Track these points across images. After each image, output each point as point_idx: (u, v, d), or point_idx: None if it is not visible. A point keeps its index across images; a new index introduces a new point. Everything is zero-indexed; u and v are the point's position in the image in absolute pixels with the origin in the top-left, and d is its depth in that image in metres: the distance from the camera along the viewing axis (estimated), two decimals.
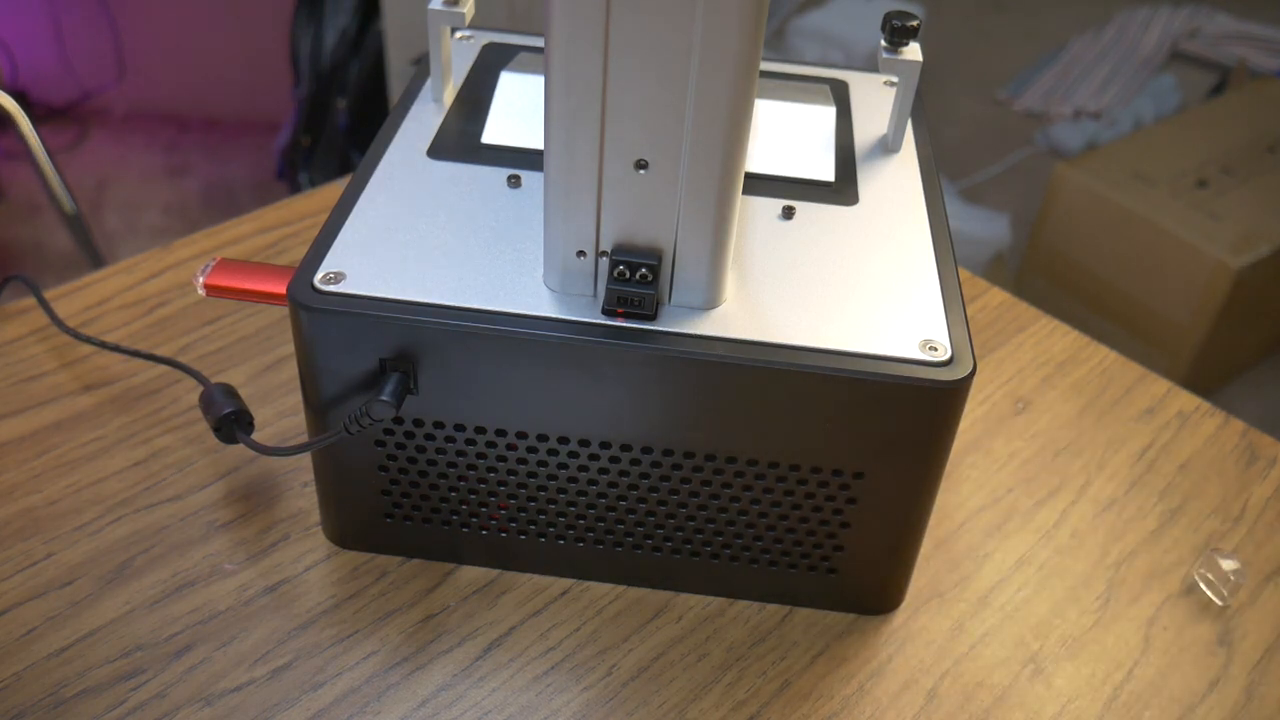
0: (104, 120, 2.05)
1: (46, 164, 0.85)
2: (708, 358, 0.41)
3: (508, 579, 0.49)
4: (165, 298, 0.62)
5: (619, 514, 0.46)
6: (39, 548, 0.49)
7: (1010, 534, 0.53)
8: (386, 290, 0.42)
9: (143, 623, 0.46)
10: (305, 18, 1.60)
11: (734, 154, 0.39)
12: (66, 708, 0.43)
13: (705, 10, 0.35)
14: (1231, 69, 2.20)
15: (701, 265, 0.41)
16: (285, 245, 0.67)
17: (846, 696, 0.46)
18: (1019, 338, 0.65)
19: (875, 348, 0.41)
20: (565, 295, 0.42)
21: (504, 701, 0.44)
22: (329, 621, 0.46)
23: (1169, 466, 0.57)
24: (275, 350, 0.59)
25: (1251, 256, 1.45)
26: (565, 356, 0.41)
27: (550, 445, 0.44)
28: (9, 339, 0.59)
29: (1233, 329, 1.53)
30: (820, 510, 0.45)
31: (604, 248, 0.41)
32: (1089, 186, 1.58)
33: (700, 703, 0.45)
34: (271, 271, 0.47)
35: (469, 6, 0.52)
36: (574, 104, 0.38)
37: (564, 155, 0.39)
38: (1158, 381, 0.63)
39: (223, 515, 0.51)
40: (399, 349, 0.42)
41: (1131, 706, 0.46)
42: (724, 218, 0.40)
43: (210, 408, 0.49)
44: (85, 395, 0.56)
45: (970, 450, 0.57)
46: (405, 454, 0.45)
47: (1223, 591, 0.50)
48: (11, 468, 0.52)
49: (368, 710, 0.43)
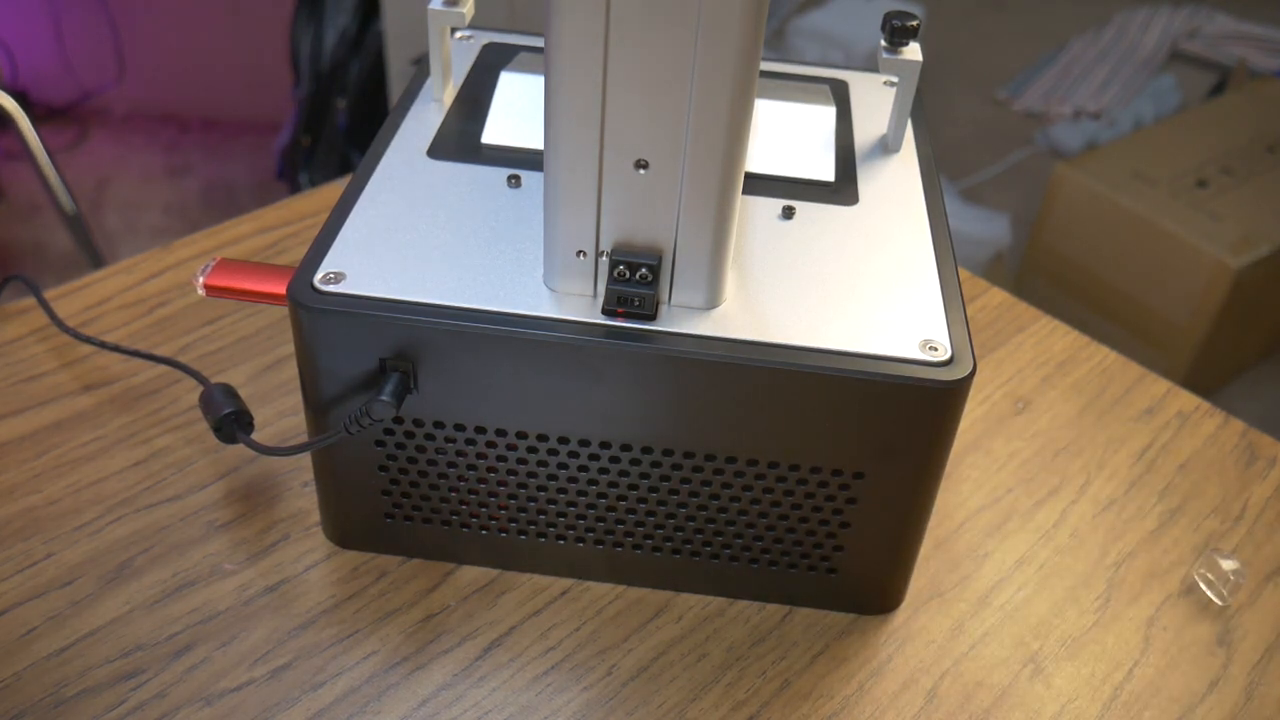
0: (104, 120, 2.05)
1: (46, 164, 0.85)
2: (708, 358, 0.41)
3: (508, 579, 0.49)
4: (165, 298, 0.62)
5: (619, 514, 0.46)
6: (39, 548, 0.49)
7: (1010, 534, 0.53)
8: (386, 290, 0.42)
9: (143, 623, 0.46)
10: (305, 18, 1.60)
11: (734, 154, 0.39)
12: (66, 708, 0.43)
13: (705, 10, 0.35)
14: (1231, 69, 2.20)
15: (701, 265, 0.41)
16: (285, 245, 0.67)
17: (846, 696, 0.46)
18: (1019, 338, 0.65)
19: (875, 348, 0.41)
20: (565, 295, 0.42)
21: (504, 701, 0.44)
22: (329, 621, 0.46)
23: (1169, 466, 0.57)
24: (275, 350, 0.59)
25: (1251, 256, 1.45)
26: (565, 356, 0.41)
27: (550, 445, 0.44)
28: (9, 339, 0.59)
29: (1232, 329, 1.53)
30: (820, 510, 0.45)
31: (604, 248, 0.41)
32: (1089, 186, 1.58)
33: (700, 703, 0.45)
34: (271, 271, 0.47)
35: (469, 6, 0.52)
36: (574, 104, 0.38)
37: (564, 155, 0.39)
38: (1158, 381, 0.63)
39: (223, 515, 0.51)
40: (399, 349, 0.42)
41: (1131, 706, 0.46)
42: (724, 218, 0.40)
43: (210, 408, 0.49)
44: (85, 395, 0.56)
45: (970, 450, 0.57)
46: (405, 454, 0.45)
47: (1222, 591, 0.50)
48: (11, 468, 0.52)
49: (368, 710, 0.43)
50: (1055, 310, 0.70)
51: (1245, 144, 1.68)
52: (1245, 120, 1.75)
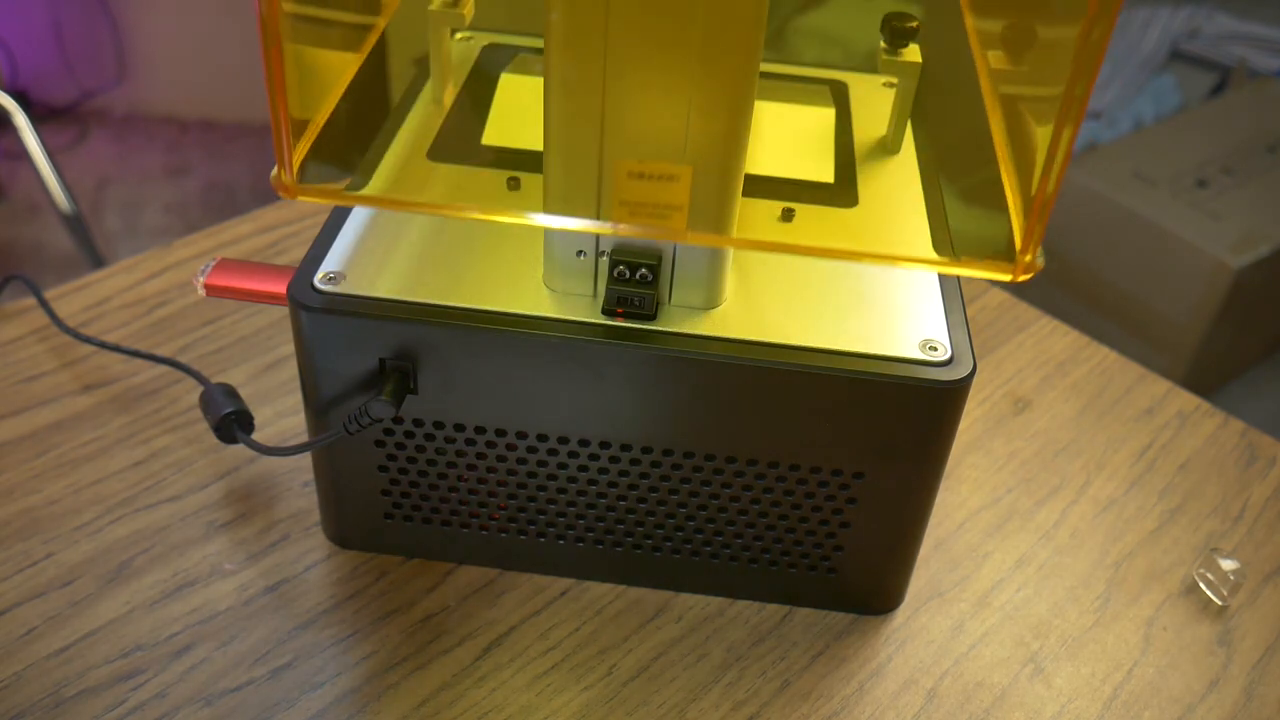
0: (104, 120, 2.05)
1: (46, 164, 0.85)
2: (708, 358, 0.41)
3: (508, 579, 0.49)
4: (165, 298, 0.62)
5: (619, 514, 0.46)
6: (39, 548, 0.49)
7: (1010, 534, 0.53)
8: (386, 290, 0.42)
9: (143, 623, 0.46)
10: None
11: (734, 154, 0.39)
12: (66, 708, 0.43)
13: (705, 11, 0.35)
14: (1231, 69, 2.20)
15: (701, 265, 0.41)
16: (285, 245, 0.67)
17: (846, 696, 0.46)
18: (1019, 338, 0.65)
19: (875, 348, 0.41)
20: (565, 295, 0.42)
21: (504, 701, 0.44)
22: (329, 621, 0.47)
23: (1169, 466, 0.57)
24: (275, 350, 0.59)
25: (1251, 256, 1.45)
26: (565, 356, 0.41)
27: (550, 445, 0.44)
28: (9, 339, 0.59)
29: (1232, 329, 1.53)
30: (820, 510, 0.45)
31: (604, 248, 0.41)
32: (1089, 186, 1.58)
33: (700, 703, 0.45)
34: (271, 271, 0.47)
35: (469, 6, 0.52)
36: (574, 104, 0.38)
37: (564, 155, 0.39)
38: (1157, 381, 0.63)
39: (223, 515, 0.51)
40: (399, 349, 0.42)
41: (1131, 706, 0.46)
42: (724, 218, 0.40)
43: (210, 408, 0.49)
44: (85, 395, 0.56)
45: (970, 450, 0.57)
46: (405, 454, 0.45)
47: (1222, 591, 0.50)
48: (11, 468, 0.52)
49: (368, 710, 0.43)
50: (1055, 310, 0.70)
51: (1245, 144, 1.68)
52: (1245, 120, 1.75)
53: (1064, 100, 0.36)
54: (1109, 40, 0.35)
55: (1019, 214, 0.39)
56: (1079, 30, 0.35)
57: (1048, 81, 0.38)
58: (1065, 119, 0.36)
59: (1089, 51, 0.35)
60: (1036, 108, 0.40)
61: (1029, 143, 0.39)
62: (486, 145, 0.51)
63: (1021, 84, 0.44)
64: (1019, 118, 0.43)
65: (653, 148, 0.39)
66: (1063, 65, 0.36)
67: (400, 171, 0.49)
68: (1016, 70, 0.45)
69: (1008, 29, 0.47)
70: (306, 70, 0.40)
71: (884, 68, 0.51)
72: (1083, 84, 0.35)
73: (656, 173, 0.36)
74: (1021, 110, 0.43)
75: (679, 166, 0.36)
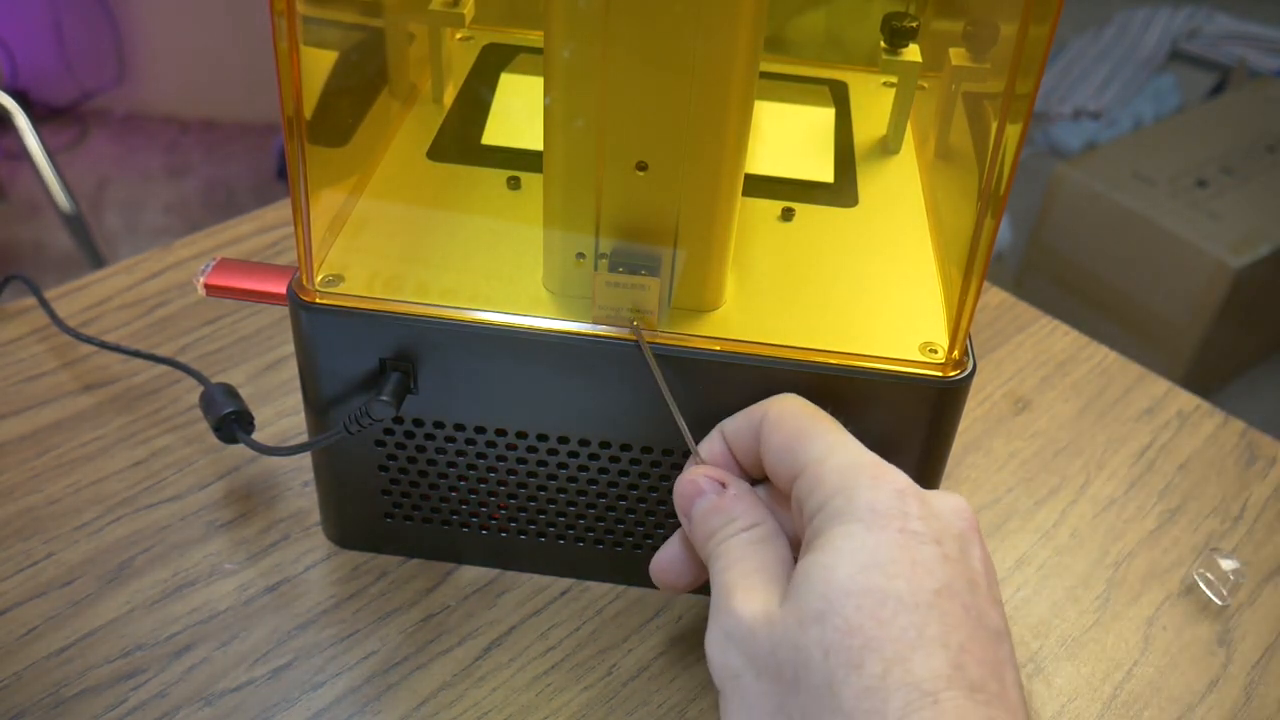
0: (104, 120, 2.05)
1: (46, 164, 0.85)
2: (708, 358, 0.41)
3: (508, 579, 0.49)
4: (165, 298, 0.62)
5: (619, 514, 0.46)
6: (39, 548, 0.49)
7: (1010, 534, 0.53)
8: (386, 290, 0.42)
9: (143, 622, 0.46)
10: None
11: (734, 155, 0.39)
12: (66, 707, 0.43)
13: (706, 11, 0.35)
14: (1231, 69, 2.20)
15: (701, 266, 0.41)
16: (285, 245, 0.67)
17: None
18: (1019, 338, 0.65)
19: (875, 348, 0.41)
20: (565, 297, 0.42)
21: (504, 701, 0.44)
22: (329, 621, 0.47)
23: (1168, 466, 0.57)
24: (275, 350, 0.59)
25: (1251, 256, 1.45)
26: (565, 357, 0.41)
27: (550, 445, 0.44)
28: (9, 339, 0.59)
29: (1232, 329, 1.53)
30: None
31: (603, 250, 0.41)
32: (1089, 186, 1.58)
33: (700, 702, 0.45)
34: (271, 271, 0.47)
35: (469, 6, 0.52)
36: (574, 104, 0.38)
37: (564, 156, 0.39)
38: (1157, 381, 0.63)
39: (223, 515, 0.51)
40: (399, 349, 0.42)
41: (1131, 706, 0.46)
42: (724, 219, 0.40)
43: (210, 408, 0.49)
44: (85, 395, 0.56)
45: (970, 450, 0.57)
46: (405, 454, 0.45)
47: (1222, 591, 0.50)
48: (11, 468, 0.52)
49: (368, 710, 0.44)
50: (1055, 310, 0.70)
51: (1245, 144, 1.68)
52: (1245, 120, 1.75)
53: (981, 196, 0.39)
54: (1018, 155, 0.37)
55: (950, 312, 0.42)
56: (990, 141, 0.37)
57: (969, 190, 0.41)
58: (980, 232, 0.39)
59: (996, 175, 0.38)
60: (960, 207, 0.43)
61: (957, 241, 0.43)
62: (486, 145, 0.51)
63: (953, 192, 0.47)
64: (951, 215, 0.46)
65: (653, 147, 0.39)
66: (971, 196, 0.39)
67: (400, 171, 0.49)
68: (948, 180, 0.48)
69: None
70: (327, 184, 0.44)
71: (884, 67, 0.51)
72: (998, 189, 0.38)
73: (629, 284, 0.40)
74: (950, 209, 0.46)
75: (649, 279, 0.40)
